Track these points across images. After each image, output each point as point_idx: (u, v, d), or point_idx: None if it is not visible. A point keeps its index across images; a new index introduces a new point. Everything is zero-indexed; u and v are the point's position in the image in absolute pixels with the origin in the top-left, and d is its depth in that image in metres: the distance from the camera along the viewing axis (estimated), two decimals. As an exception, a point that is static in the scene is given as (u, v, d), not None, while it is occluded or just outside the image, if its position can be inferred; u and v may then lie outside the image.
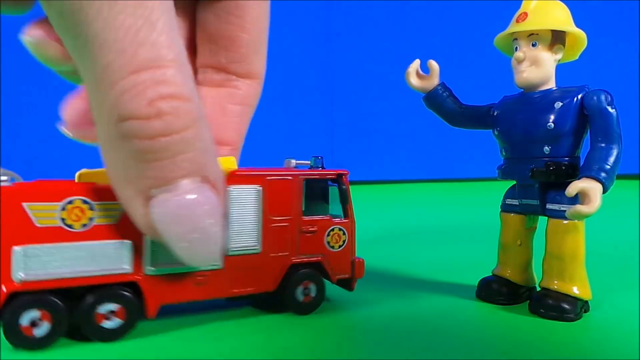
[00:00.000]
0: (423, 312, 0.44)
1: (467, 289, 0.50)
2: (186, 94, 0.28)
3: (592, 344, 0.37)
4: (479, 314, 0.44)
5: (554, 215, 0.43)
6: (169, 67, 0.28)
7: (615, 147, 0.41)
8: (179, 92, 0.28)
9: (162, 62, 0.28)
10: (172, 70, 0.28)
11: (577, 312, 0.42)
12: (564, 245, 0.43)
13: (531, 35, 0.44)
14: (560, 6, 0.45)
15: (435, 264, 0.63)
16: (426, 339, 0.37)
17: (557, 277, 0.43)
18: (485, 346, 0.36)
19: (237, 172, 0.40)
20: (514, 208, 0.47)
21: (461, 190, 1.72)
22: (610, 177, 0.40)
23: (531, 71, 0.44)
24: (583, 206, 0.40)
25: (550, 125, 0.43)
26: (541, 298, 0.43)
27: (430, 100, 0.50)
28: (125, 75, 0.27)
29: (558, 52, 0.44)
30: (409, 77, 0.50)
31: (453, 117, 0.50)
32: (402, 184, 1.84)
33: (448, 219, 1.09)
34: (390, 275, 0.57)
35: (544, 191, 0.44)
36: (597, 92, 0.42)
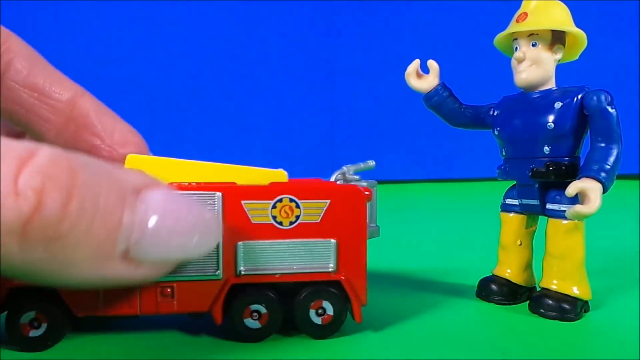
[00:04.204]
0: (423, 311, 0.44)
1: (467, 289, 0.50)
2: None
3: (592, 344, 0.37)
4: (479, 314, 0.44)
5: (554, 215, 0.43)
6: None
7: (615, 147, 0.41)
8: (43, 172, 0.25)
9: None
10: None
11: (577, 312, 0.42)
12: (564, 245, 0.43)
13: (531, 35, 0.44)
14: (560, 6, 0.45)
15: (435, 263, 0.63)
16: (426, 339, 0.37)
17: (557, 277, 0.43)
18: (485, 346, 0.36)
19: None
20: (514, 208, 0.47)
21: (461, 190, 1.72)
22: (610, 177, 0.40)
23: (531, 71, 0.44)
24: (583, 206, 0.40)
25: (550, 125, 0.43)
26: (541, 298, 0.43)
27: (430, 100, 0.50)
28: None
29: (558, 52, 0.44)
30: (408, 77, 0.50)
31: (453, 117, 0.50)
32: (402, 184, 1.83)
33: (448, 219, 1.09)
34: (390, 275, 0.57)
35: (544, 191, 0.44)
36: (597, 92, 0.42)
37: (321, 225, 0.37)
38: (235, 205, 0.36)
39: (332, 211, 0.37)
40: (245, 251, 0.36)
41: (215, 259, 0.36)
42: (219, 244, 0.35)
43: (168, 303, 0.36)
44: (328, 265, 0.37)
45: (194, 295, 0.36)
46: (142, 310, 0.35)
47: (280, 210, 0.37)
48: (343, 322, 0.38)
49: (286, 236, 0.37)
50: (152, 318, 0.40)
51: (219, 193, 0.35)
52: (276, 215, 0.36)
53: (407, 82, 0.50)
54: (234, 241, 0.36)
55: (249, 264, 0.36)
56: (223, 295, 0.36)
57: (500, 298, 0.46)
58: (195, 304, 0.36)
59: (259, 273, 0.36)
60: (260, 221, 0.36)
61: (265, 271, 0.36)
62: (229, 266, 0.36)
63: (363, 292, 0.38)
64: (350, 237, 0.37)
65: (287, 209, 0.37)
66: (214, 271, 0.36)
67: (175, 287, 0.35)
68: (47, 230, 0.25)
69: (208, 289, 0.36)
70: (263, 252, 0.36)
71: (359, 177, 0.41)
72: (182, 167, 0.38)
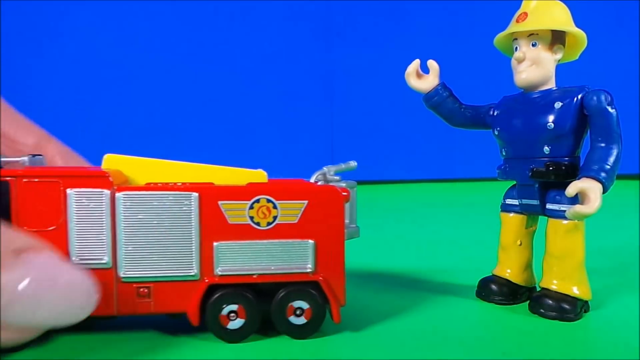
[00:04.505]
0: (423, 312, 0.44)
1: (467, 289, 0.50)
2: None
3: (592, 344, 0.37)
4: (479, 314, 0.44)
5: (554, 215, 0.43)
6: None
7: (615, 147, 0.41)
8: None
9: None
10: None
11: (577, 312, 0.42)
12: (564, 245, 0.43)
13: (531, 35, 0.44)
14: (560, 6, 0.45)
15: (435, 264, 0.63)
16: (426, 339, 0.37)
17: (557, 277, 0.43)
18: (485, 346, 0.36)
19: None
20: (514, 208, 0.47)
21: (461, 190, 1.72)
22: (610, 177, 0.40)
23: (531, 71, 0.44)
24: (583, 206, 0.40)
25: (550, 125, 0.43)
26: (541, 298, 0.43)
27: (430, 100, 0.50)
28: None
29: (558, 52, 0.44)
30: (408, 77, 0.50)
31: (453, 117, 0.50)
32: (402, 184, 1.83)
33: (448, 219, 1.09)
34: (389, 275, 0.57)
35: (544, 191, 0.44)
36: (597, 92, 0.42)
37: (299, 225, 0.37)
38: (212, 206, 0.36)
39: (310, 212, 0.37)
40: (222, 252, 0.36)
41: (197, 260, 0.36)
42: (195, 244, 0.36)
43: (145, 303, 0.36)
44: (306, 266, 0.37)
45: (171, 295, 0.36)
46: (119, 310, 0.36)
47: (258, 211, 0.37)
48: (322, 322, 0.38)
49: (264, 237, 0.37)
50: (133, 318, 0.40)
51: (195, 193, 0.36)
52: (253, 215, 0.37)
53: (407, 82, 0.50)
54: (211, 242, 0.36)
55: (226, 265, 0.36)
56: (200, 296, 0.36)
57: (500, 298, 0.46)
58: (173, 304, 0.36)
59: (236, 273, 0.36)
60: (238, 222, 0.36)
61: (242, 272, 0.36)
62: (207, 266, 0.36)
63: (341, 292, 0.38)
64: (329, 238, 0.38)
65: (264, 209, 0.37)
66: (191, 271, 0.36)
67: (152, 288, 0.36)
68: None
69: (185, 289, 0.36)
70: (240, 252, 0.36)
71: (339, 178, 0.41)
72: (159, 167, 0.38)
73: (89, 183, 0.35)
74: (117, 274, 0.35)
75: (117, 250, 0.35)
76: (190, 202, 0.36)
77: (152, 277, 0.36)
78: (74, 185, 0.34)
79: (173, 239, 0.36)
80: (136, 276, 0.35)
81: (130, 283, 0.35)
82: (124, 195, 0.35)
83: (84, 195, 0.35)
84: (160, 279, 0.36)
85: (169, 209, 0.35)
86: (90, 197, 0.35)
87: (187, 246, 0.36)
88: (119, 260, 0.35)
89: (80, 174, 0.35)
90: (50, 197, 0.34)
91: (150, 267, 0.35)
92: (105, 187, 0.35)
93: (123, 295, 0.35)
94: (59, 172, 0.35)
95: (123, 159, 0.38)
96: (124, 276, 0.35)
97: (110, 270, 0.35)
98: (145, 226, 0.35)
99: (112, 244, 0.35)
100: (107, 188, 0.35)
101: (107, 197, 0.35)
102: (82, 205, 0.34)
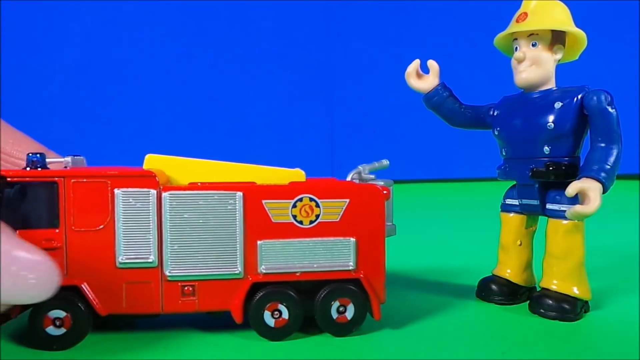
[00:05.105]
0: (422, 311, 0.44)
1: (467, 289, 0.50)
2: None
3: (592, 344, 0.37)
4: (479, 314, 0.44)
5: (554, 215, 0.43)
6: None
7: (615, 147, 0.41)
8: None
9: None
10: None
11: (577, 312, 0.42)
12: (564, 245, 0.43)
13: (531, 35, 0.44)
14: (560, 6, 0.45)
15: (435, 263, 0.63)
16: (426, 339, 0.37)
17: (557, 277, 0.43)
18: (485, 346, 0.36)
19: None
20: (514, 208, 0.47)
21: (461, 190, 1.72)
22: (610, 177, 0.40)
23: (531, 71, 0.44)
24: (583, 206, 0.40)
25: (550, 125, 0.43)
26: (541, 298, 0.43)
27: (430, 100, 0.50)
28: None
29: (558, 52, 0.44)
30: (408, 77, 0.50)
31: (453, 117, 0.50)
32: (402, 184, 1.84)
33: (448, 219, 1.09)
34: (389, 275, 0.57)
35: (544, 191, 0.44)
36: (597, 92, 0.42)
37: (341, 224, 0.38)
38: (256, 205, 0.37)
39: (351, 210, 0.38)
40: (265, 250, 0.37)
41: (241, 258, 0.37)
42: (240, 243, 0.36)
43: (190, 302, 0.36)
44: (348, 264, 0.38)
45: (215, 293, 0.37)
46: (165, 309, 0.36)
47: (301, 210, 0.37)
48: (363, 320, 0.38)
49: (306, 235, 0.37)
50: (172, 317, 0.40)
51: (240, 193, 0.36)
52: (296, 214, 0.37)
53: (407, 82, 0.50)
54: (255, 240, 0.37)
55: (269, 263, 0.37)
56: (243, 294, 0.37)
57: (500, 298, 0.46)
58: (216, 302, 0.37)
59: (279, 272, 0.37)
60: (281, 220, 0.37)
61: (285, 269, 0.37)
62: (250, 265, 0.37)
63: (381, 290, 0.39)
64: (369, 236, 0.38)
65: (307, 208, 0.37)
66: (235, 270, 0.36)
67: (196, 286, 0.36)
68: None
69: (229, 287, 0.37)
70: (283, 250, 0.37)
71: (374, 177, 0.41)
72: (200, 166, 0.39)
73: (136, 183, 0.35)
74: (163, 273, 0.36)
75: (163, 249, 0.36)
76: (235, 202, 0.36)
77: (197, 275, 0.36)
78: (121, 185, 0.35)
79: (218, 238, 0.36)
80: (181, 275, 0.36)
81: (175, 282, 0.36)
82: (170, 195, 0.36)
83: (132, 195, 0.35)
84: (204, 278, 0.36)
85: (214, 208, 0.36)
86: (138, 196, 0.35)
87: (231, 245, 0.36)
88: (164, 259, 0.36)
89: (127, 174, 0.35)
90: (98, 197, 0.35)
91: (195, 266, 0.36)
92: (152, 187, 0.36)
93: (168, 293, 0.36)
94: (107, 172, 0.36)
95: (164, 159, 0.39)
96: (169, 275, 0.36)
97: (156, 269, 0.36)
98: (191, 225, 0.36)
99: (158, 243, 0.36)
100: (153, 188, 0.36)
101: (154, 197, 0.35)
102: (129, 204, 0.35)
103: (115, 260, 0.35)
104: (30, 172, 0.35)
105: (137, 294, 0.36)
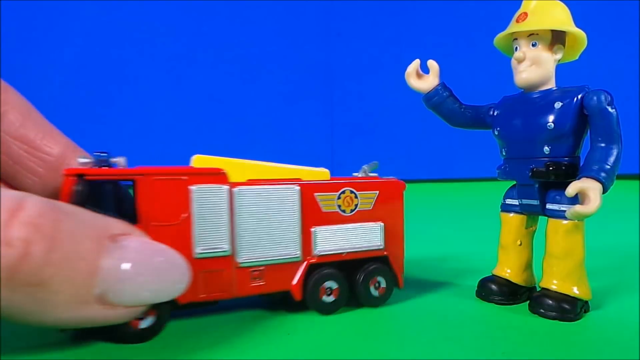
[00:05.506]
0: (423, 311, 0.44)
1: (467, 289, 0.50)
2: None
3: (592, 344, 0.37)
4: (478, 314, 0.44)
5: (554, 215, 0.43)
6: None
7: (615, 147, 0.41)
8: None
9: None
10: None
11: (577, 312, 0.42)
12: (564, 245, 0.43)
13: (531, 35, 0.44)
14: (560, 6, 0.45)
15: (435, 263, 0.63)
16: (426, 339, 0.37)
17: (557, 277, 0.43)
18: (485, 346, 0.36)
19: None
20: (514, 208, 0.47)
21: (461, 190, 1.72)
22: (610, 177, 0.40)
23: (531, 71, 0.44)
24: (583, 206, 0.40)
25: (550, 125, 0.43)
26: (541, 298, 0.43)
27: (430, 100, 0.50)
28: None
29: (558, 52, 0.44)
30: (409, 77, 0.50)
31: (453, 117, 0.50)
32: (402, 184, 1.84)
33: (448, 219, 1.09)
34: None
35: (544, 191, 0.44)
36: (597, 92, 0.42)
37: (372, 211, 0.45)
38: (310, 197, 0.43)
39: (380, 200, 0.46)
40: (318, 235, 0.43)
41: (300, 243, 0.42)
42: (298, 230, 0.42)
43: (258, 285, 0.41)
44: (379, 244, 0.45)
45: (278, 276, 0.42)
46: (237, 292, 0.40)
47: (344, 200, 0.44)
48: (392, 291, 0.46)
49: (348, 221, 0.44)
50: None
51: (297, 187, 0.42)
52: (340, 204, 0.44)
53: (407, 82, 0.50)
54: (309, 227, 0.42)
55: (322, 246, 0.43)
56: (303, 275, 0.42)
57: (500, 298, 0.46)
58: (279, 284, 0.42)
59: (330, 253, 0.43)
60: (329, 210, 0.44)
61: (334, 251, 0.43)
62: (306, 249, 0.42)
63: (401, 264, 0.47)
64: (393, 220, 0.46)
65: (348, 199, 0.44)
66: (296, 254, 0.42)
67: (263, 270, 0.41)
68: (32, 277, 0.27)
69: (290, 269, 0.42)
70: (332, 235, 0.43)
71: (376, 175, 0.47)
72: (242, 166, 0.43)
73: (210, 180, 0.39)
74: (235, 260, 0.40)
75: (235, 239, 0.40)
76: (294, 195, 0.42)
77: (264, 261, 0.41)
78: (197, 182, 0.38)
79: (280, 227, 0.41)
80: (251, 261, 0.40)
81: (246, 268, 0.40)
82: (239, 190, 0.40)
83: (207, 190, 0.38)
84: (270, 262, 0.41)
85: (276, 201, 0.41)
86: (212, 192, 0.39)
87: (291, 232, 0.42)
88: (236, 248, 0.40)
89: (202, 172, 0.39)
90: (175, 194, 0.37)
91: (262, 252, 0.41)
92: (224, 183, 0.39)
93: (240, 278, 0.40)
94: (183, 170, 0.38)
95: (211, 159, 0.42)
96: (241, 261, 0.40)
97: (229, 257, 0.40)
98: (257, 216, 0.40)
99: (230, 234, 0.39)
100: (225, 184, 0.39)
101: (226, 192, 0.39)
102: (204, 199, 0.38)
103: (192, 252, 0.38)
104: (109, 170, 0.36)
105: (212, 281, 0.39)
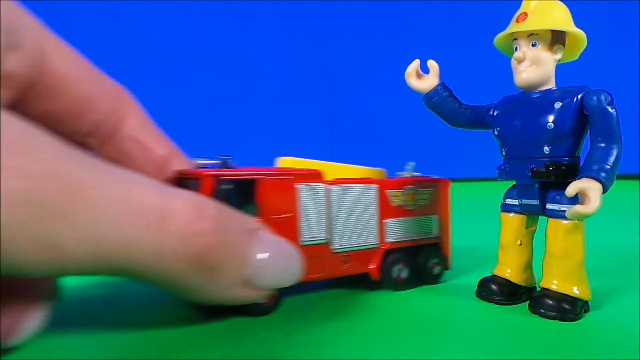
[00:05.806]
0: (423, 311, 0.44)
1: (467, 289, 0.50)
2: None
3: (592, 344, 0.37)
4: (479, 314, 0.44)
5: (554, 215, 0.43)
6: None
7: (615, 147, 0.41)
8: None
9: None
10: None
11: (577, 312, 0.42)
12: (564, 245, 0.43)
13: (531, 35, 0.44)
14: (560, 6, 0.45)
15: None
16: (426, 339, 0.37)
17: (557, 277, 0.43)
18: (485, 346, 0.36)
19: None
20: (514, 208, 0.47)
21: (461, 190, 1.72)
22: (610, 177, 0.40)
23: (531, 71, 0.44)
24: (583, 206, 0.40)
25: (550, 125, 0.43)
26: (541, 298, 0.43)
27: (430, 100, 0.50)
28: None
29: (558, 52, 0.44)
30: (408, 77, 0.50)
31: (453, 117, 0.50)
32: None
33: (448, 219, 1.09)
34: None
35: (544, 191, 0.44)
36: (597, 92, 0.42)
37: (429, 205, 0.54)
38: (383, 193, 0.50)
39: (434, 196, 0.55)
40: (390, 226, 0.51)
41: (377, 232, 0.50)
42: (377, 221, 0.50)
43: (346, 268, 0.48)
44: (435, 233, 0.54)
45: (361, 260, 0.49)
46: (332, 274, 0.47)
47: (407, 196, 0.52)
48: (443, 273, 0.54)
49: (411, 214, 0.52)
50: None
51: (376, 185, 0.50)
52: (405, 199, 0.52)
53: (407, 82, 0.50)
54: (383, 219, 0.50)
55: (393, 235, 0.51)
56: (380, 258, 0.50)
57: (500, 298, 0.46)
58: (362, 266, 0.49)
59: (399, 240, 0.51)
60: (396, 204, 0.51)
61: (402, 239, 0.52)
62: (382, 237, 0.50)
63: (449, 249, 0.55)
64: (443, 213, 0.55)
65: (410, 195, 0.53)
66: (375, 241, 0.49)
67: (351, 255, 0.48)
68: (210, 262, 0.32)
69: (370, 254, 0.50)
70: (399, 225, 0.51)
71: (419, 173, 0.54)
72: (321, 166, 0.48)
73: (312, 179, 0.45)
74: (330, 247, 0.47)
75: (331, 229, 0.47)
76: (373, 192, 0.50)
77: (351, 247, 0.48)
78: (302, 181, 0.45)
79: (362, 218, 0.49)
80: (342, 247, 0.47)
81: (338, 253, 0.47)
82: (334, 188, 0.47)
83: (310, 188, 0.45)
84: (356, 248, 0.48)
85: (360, 197, 0.49)
86: (314, 189, 0.45)
87: (372, 223, 0.49)
88: (331, 237, 0.47)
89: (305, 173, 0.45)
90: (286, 191, 0.44)
91: (350, 240, 0.48)
92: (322, 182, 0.46)
93: (333, 262, 0.47)
94: (290, 171, 0.45)
95: (294, 161, 0.49)
96: (335, 248, 0.47)
97: (326, 245, 0.46)
98: (347, 209, 0.48)
99: (327, 225, 0.46)
100: (323, 182, 0.46)
101: (325, 189, 0.46)
102: (308, 196, 0.45)
103: (299, 240, 0.44)
104: (235, 171, 0.42)
105: (314, 265, 0.45)
